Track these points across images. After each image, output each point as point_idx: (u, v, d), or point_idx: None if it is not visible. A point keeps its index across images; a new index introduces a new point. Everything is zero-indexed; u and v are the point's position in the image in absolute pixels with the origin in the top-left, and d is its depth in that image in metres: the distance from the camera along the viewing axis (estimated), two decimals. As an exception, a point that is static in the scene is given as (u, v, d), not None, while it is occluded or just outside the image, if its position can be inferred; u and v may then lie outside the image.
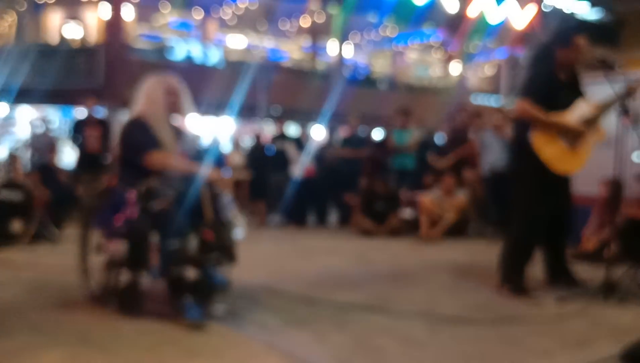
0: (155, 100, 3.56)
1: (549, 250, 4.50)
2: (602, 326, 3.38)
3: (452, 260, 5.84)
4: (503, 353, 2.82)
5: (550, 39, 4.35)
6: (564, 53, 4.19)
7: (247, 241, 3.76)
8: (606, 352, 2.83)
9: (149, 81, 3.62)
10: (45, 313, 3.33)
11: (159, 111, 3.55)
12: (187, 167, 3.49)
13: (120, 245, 3.29)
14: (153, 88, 3.58)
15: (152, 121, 3.52)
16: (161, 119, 3.55)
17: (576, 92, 4.30)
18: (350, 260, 5.79)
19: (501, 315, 3.52)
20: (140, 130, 3.49)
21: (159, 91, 3.58)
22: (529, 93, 4.17)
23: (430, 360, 2.70)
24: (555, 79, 4.22)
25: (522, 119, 4.22)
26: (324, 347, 2.84)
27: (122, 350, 2.70)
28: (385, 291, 4.22)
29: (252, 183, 9.55)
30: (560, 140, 4.12)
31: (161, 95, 3.57)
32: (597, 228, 6.25)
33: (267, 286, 4.16)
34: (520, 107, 4.16)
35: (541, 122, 4.08)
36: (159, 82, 3.61)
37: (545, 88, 4.14)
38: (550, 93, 4.13)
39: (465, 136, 8.79)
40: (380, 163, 9.61)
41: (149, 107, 3.55)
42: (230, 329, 3.10)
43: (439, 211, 7.97)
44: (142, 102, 3.59)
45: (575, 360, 2.72)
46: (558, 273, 4.51)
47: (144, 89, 3.61)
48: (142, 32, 23.36)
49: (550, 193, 4.20)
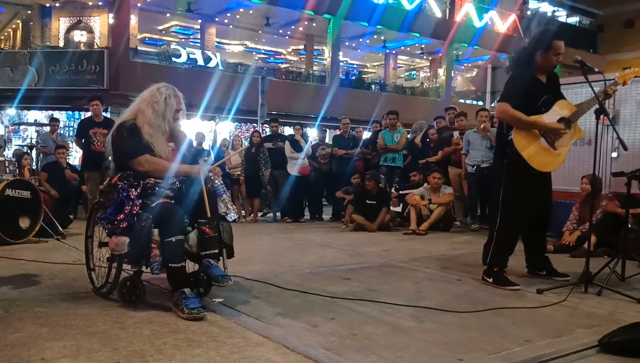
0: (157, 112, 3.47)
1: (530, 243, 4.54)
2: (582, 316, 3.38)
3: (438, 253, 5.86)
4: (485, 342, 2.82)
5: (531, 43, 4.34)
6: (543, 57, 4.20)
7: (244, 236, 3.76)
8: (585, 341, 2.84)
9: (158, 89, 3.54)
10: (50, 306, 3.31)
11: (158, 125, 3.47)
12: (176, 169, 3.44)
13: (122, 240, 3.27)
14: (160, 100, 3.49)
15: (144, 126, 3.45)
16: (155, 125, 3.46)
17: (555, 93, 4.31)
18: (342, 253, 5.79)
19: (484, 306, 3.53)
20: (130, 134, 3.42)
21: (167, 107, 3.50)
22: (510, 95, 4.18)
23: (416, 347, 2.70)
24: (536, 81, 4.23)
25: (503, 120, 4.23)
26: (316, 336, 2.84)
27: (124, 341, 2.69)
28: (375, 282, 4.22)
29: (248, 181, 9.54)
30: (540, 140, 4.13)
31: (167, 112, 3.49)
32: (578, 222, 6.27)
33: (263, 279, 4.15)
34: (502, 108, 4.16)
35: (522, 123, 4.10)
36: (168, 98, 3.51)
37: (525, 90, 4.15)
38: (530, 95, 4.14)
39: (450, 135, 8.82)
40: (370, 161, 9.64)
41: (148, 116, 3.46)
42: (228, 320, 3.09)
43: (427, 207, 8.00)
44: (139, 108, 3.52)
45: (555, 349, 2.72)
46: (538, 265, 4.55)
47: (149, 95, 3.54)
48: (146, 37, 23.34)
49: (530, 190, 4.22)
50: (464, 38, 24.36)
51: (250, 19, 22.08)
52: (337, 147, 9.84)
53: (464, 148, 8.28)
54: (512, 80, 4.29)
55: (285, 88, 19.83)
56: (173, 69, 17.67)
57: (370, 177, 8.23)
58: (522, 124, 4.10)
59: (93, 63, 16.36)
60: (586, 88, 4.49)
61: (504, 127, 4.25)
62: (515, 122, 4.11)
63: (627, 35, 31.14)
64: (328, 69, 22.01)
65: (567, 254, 5.83)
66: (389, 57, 26.90)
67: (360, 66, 30.47)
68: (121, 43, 16.88)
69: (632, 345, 2.68)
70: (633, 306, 3.62)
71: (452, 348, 2.71)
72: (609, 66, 27.34)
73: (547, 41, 4.20)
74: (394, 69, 27.57)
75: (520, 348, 2.73)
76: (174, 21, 22.61)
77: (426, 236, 7.47)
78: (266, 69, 21.91)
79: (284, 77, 21.97)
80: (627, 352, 2.67)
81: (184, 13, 20.42)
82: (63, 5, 19.31)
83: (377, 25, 21.95)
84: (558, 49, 4.18)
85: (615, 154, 6.68)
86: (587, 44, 28.75)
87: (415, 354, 2.62)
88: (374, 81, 27.20)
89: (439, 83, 26.01)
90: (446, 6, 24.64)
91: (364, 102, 20.17)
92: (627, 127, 6.60)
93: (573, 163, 6.97)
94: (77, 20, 19.62)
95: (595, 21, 31.49)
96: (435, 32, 23.54)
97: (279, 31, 23.61)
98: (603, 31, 31.39)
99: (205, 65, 19.01)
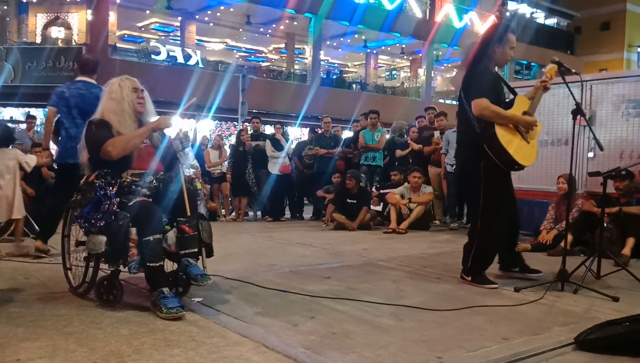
0: (117, 99, 3.49)
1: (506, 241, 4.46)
2: (558, 314, 3.42)
3: (418, 252, 5.89)
4: (464, 340, 2.84)
5: (486, 38, 4.25)
6: (500, 50, 4.18)
7: (224, 235, 3.73)
8: (562, 339, 2.87)
9: (111, 81, 3.57)
10: (25, 306, 3.26)
11: (122, 109, 3.48)
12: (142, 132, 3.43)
13: (99, 239, 3.23)
14: (115, 88, 3.53)
15: (110, 117, 3.46)
16: (118, 111, 3.47)
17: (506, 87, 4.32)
18: (322, 252, 5.79)
19: (463, 304, 3.55)
20: (98, 128, 3.42)
21: (122, 90, 3.52)
22: (484, 91, 4.01)
23: (395, 345, 2.71)
24: (498, 76, 4.23)
25: (484, 116, 4.00)
26: (296, 335, 2.83)
27: (101, 341, 2.65)
28: (354, 281, 4.23)
29: (234, 180, 9.51)
30: (518, 134, 4.07)
31: (124, 94, 3.51)
32: (554, 221, 6.35)
33: (243, 278, 4.13)
34: (482, 104, 3.96)
35: (503, 118, 4.00)
36: (121, 81, 3.55)
37: (493, 85, 4.10)
38: (496, 90, 4.12)
39: (431, 134, 8.88)
40: (351, 160, 9.66)
41: (111, 106, 3.48)
42: (207, 319, 3.07)
43: (407, 206, 8.04)
44: (101, 106, 3.54)
45: (532, 346, 2.75)
46: (511, 261, 4.54)
47: (107, 89, 3.57)
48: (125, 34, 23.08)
49: (508, 188, 4.23)
50: (444, 38, 24.54)
51: (231, 17, 21.97)
52: (318, 146, 9.84)
53: (444, 148, 8.34)
54: (480, 75, 4.12)
55: (266, 87, 19.78)
56: (153, 67, 17.51)
57: (351, 176, 8.25)
58: (502, 119, 3.99)
59: (71, 60, 16.12)
60: (563, 89, 4.53)
61: (482, 125, 4.03)
62: (496, 118, 3.98)
63: (603, 38, 31.67)
64: (309, 68, 22.00)
65: (544, 252, 5.91)
66: (370, 57, 26.99)
67: (341, 65, 30.52)
68: (100, 40, 16.69)
69: (607, 342, 2.72)
70: (608, 304, 3.67)
71: (431, 346, 2.72)
72: (586, 67, 27.78)
73: (503, 33, 4.19)
74: (375, 68, 27.68)
75: (498, 346, 2.75)
76: (154, 18, 22.41)
77: (406, 235, 7.51)
78: (247, 67, 21.83)
79: (265, 76, 21.91)
80: (602, 348, 2.71)
81: (163, 10, 20.24)
82: (40, 1, 19.01)
83: (358, 24, 22.01)
84: (512, 43, 4.20)
85: (592, 154, 6.78)
86: (564, 46, 29.14)
87: (395, 352, 2.62)
88: (355, 80, 27.26)
89: (419, 83, 26.16)
90: (426, 7, 24.79)
91: (345, 101, 20.20)
92: (603, 128, 6.70)
93: (550, 162, 7.07)
94: (55, 16, 19.32)
95: (572, 23, 31.93)
96: (415, 33, 23.68)
97: (260, 29, 23.54)
98: (580, 33, 31.85)
99: (186, 63, 18.87)
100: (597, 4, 31.26)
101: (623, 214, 5.71)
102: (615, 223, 5.78)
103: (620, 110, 6.70)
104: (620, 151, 6.63)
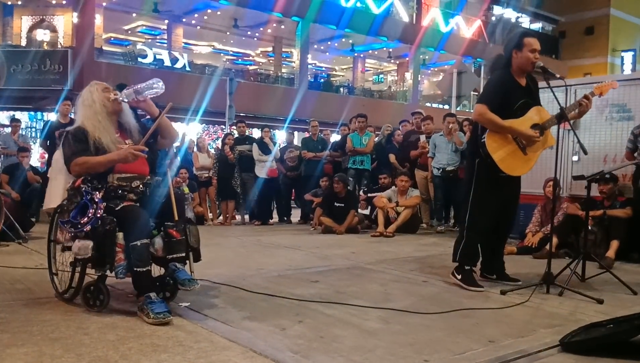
0: (89, 104, 3.49)
1: (488, 244, 4.46)
2: (544, 316, 3.45)
3: (405, 255, 5.92)
4: (450, 342, 2.85)
5: (505, 44, 4.36)
6: (519, 55, 4.19)
7: (211, 239, 3.72)
8: (547, 341, 2.90)
9: (82, 91, 3.59)
10: (11, 311, 3.23)
11: (94, 112, 3.47)
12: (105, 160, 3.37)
13: (86, 244, 3.21)
14: (86, 95, 3.53)
15: (87, 124, 3.45)
16: (96, 119, 3.45)
17: (534, 97, 4.32)
18: (310, 256, 5.80)
19: (450, 307, 3.57)
20: (74, 138, 3.42)
21: (92, 94, 3.52)
22: (487, 97, 4.18)
23: (383, 349, 2.72)
24: (514, 83, 4.23)
25: (479, 122, 4.20)
26: (284, 339, 2.84)
27: (88, 346, 2.64)
28: (342, 285, 4.24)
29: (220, 183, 9.48)
30: (513, 144, 4.16)
31: (94, 97, 3.50)
32: (540, 224, 6.40)
33: (231, 282, 4.13)
34: (479, 111, 4.13)
35: (497, 127, 4.11)
36: (90, 87, 3.57)
37: (503, 92, 4.15)
38: (507, 97, 4.15)
39: (417, 139, 8.93)
40: (339, 164, 9.68)
41: (85, 113, 3.49)
42: (194, 324, 3.06)
43: (394, 210, 8.07)
44: (80, 112, 3.54)
45: (518, 348, 2.77)
46: (492, 268, 4.53)
47: (80, 99, 3.57)
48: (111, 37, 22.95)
49: (500, 190, 4.26)
50: (431, 42, 24.67)
51: (218, 20, 21.92)
52: (306, 150, 9.84)
53: (430, 151, 8.39)
54: (491, 82, 4.30)
55: (254, 90, 19.75)
56: (139, 70, 17.41)
57: (338, 180, 8.26)
58: (496, 128, 4.11)
59: (56, 63, 16.00)
60: (548, 93, 4.58)
61: (479, 129, 4.24)
62: (490, 125, 4.11)
63: (587, 42, 32.00)
64: (297, 72, 22.00)
65: (529, 255, 5.96)
66: (357, 61, 27.04)
67: (328, 69, 30.56)
68: (86, 43, 16.56)
69: (591, 344, 2.76)
70: (593, 306, 3.71)
71: (418, 349, 2.74)
72: (570, 72, 28.03)
73: (517, 38, 4.24)
74: (362, 72, 27.73)
75: (485, 349, 2.77)
76: (141, 21, 22.29)
77: (393, 238, 7.53)
78: (234, 70, 21.77)
79: (252, 79, 21.87)
80: (586, 350, 2.74)
81: (150, 13, 20.13)
82: (25, 3, 18.85)
83: (346, 28, 22.06)
84: (531, 45, 4.16)
85: (576, 158, 6.85)
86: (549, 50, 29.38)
87: (382, 356, 2.63)
88: (342, 84, 27.31)
89: (406, 87, 26.27)
90: (413, 11, 24.92)
91: (333, 105, 20.24)
92: (587, 132, 6.77)
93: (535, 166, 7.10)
94: (40, 18, 19.17)
95: (557, 28, 32.23)
96: (402, 37, 23.78)
97: (247, 33, 23.50)
98: (565, 37, 32.17)
99: (172, 66, 18.80)
100: (581, 8, 31.59)
101: (607, 217, 5.78)
102: (599, 226, 5.84)
103: (604, 114, 6.78)
104: (604, 154, 6.71)
